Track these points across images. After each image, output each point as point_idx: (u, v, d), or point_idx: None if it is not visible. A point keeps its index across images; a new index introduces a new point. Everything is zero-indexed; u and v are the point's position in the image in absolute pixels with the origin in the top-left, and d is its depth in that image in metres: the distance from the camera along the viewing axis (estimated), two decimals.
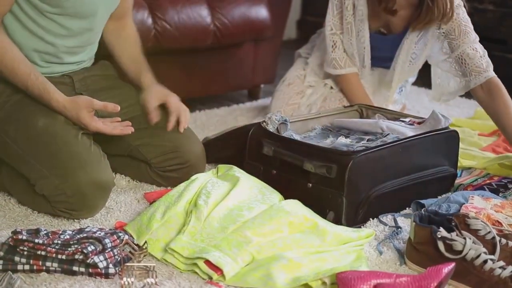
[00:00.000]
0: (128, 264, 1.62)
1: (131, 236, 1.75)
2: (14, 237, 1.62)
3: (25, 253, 1.61)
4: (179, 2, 2.82)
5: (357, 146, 2.05)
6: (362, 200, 1.93)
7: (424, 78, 3.02)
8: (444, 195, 2.14)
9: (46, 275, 1.60)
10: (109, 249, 1.63)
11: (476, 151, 2.50)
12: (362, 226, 1.95)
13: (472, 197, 2.01)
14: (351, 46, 2.61)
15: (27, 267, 1.61)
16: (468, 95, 3.46)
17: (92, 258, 1.59)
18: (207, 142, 2.30)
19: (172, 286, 1.60)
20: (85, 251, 1.59)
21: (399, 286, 1.53)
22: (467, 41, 2.46)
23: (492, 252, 1.70)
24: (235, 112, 3.01)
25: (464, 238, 1.66)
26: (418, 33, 2.56)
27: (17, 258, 1.61)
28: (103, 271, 1.60)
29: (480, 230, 1.73)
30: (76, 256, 1.59)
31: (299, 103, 2.73)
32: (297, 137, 2.13)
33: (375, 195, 1.94)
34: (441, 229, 1.68)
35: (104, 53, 2.24)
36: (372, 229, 1.91)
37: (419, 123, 2.25)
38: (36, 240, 1.62)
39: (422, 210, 1.80)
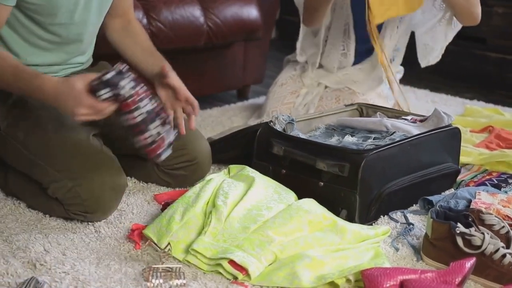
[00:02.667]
0: (154, 266, 1.62)
1: (151, 239, 1.75)
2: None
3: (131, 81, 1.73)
4: (172, 2, 2.82)
5: (366, 145, 2.08)
6: (374, 197, 1.95)
7: (409, 77, 3.07)
8: (450, 192, 2.18)
9: (71, 279, 1.59)
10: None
11: (470, 148, 2.55)
12: (373, 223, 1.97)
13: (479, 192, 2.05)
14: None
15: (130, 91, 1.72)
16: (455, 92, 3.54)
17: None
18: (211, 142, 2.29)
19: (198, 287, 1.60)
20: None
21: (424, 281, 1.56)
22: None
23: (507, 246, 1.74)
24: (228, 113, 3.01)
25: (482, 233, 1.69)
26: None
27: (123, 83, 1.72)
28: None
29: (495, 225, 1.77)
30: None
31: (294, 102, 2.75)
32: (303, 136, 2.15)
33: (386, 193, 1.97)
34: (459, 224, 1.71)
35: (103, 54, 2.23)
36: (377, 225, 1.94)
37: (420, 120, 2.29)
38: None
39: (437, 206, 1.83)
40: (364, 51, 2.77)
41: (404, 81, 3.25)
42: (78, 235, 1.83)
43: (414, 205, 2.11)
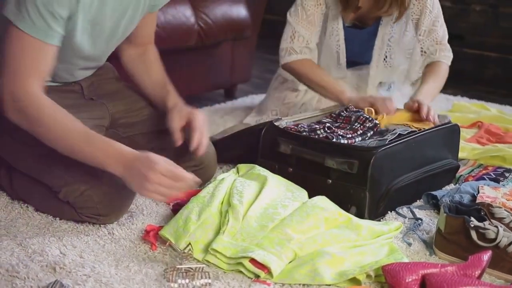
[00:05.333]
0: (178, 266, 1.62)
1: (169, 240, 1.75)
2: None
3: None
4: None
5: (370, 142, 2.10)
6: (382, 194, 1.98)
7: None
8: (450, 186, 2.23)
9: (93, 281, 1.59)
10: None
11: (464, 143, 2.59)
12: (381, 219, 2.00)
13: (482, 187, 2.10)
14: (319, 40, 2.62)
15: None
16: (444, 89, 3.57)
17: None
18: (214, 142, 2.30)
19: (221, 286, 1.60)
20: None
21: (445, 275, 1.59)
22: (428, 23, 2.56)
23: None
24: (219, 112, 3.01)
25: (496, 227, 1.73)
26: (393, 16, 2.57)
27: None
28: None
29: (505, 218, 1.81)
30: None
31: (293, 101, 2.75)
32: None
33: (394, 189, 2.00)
34: (472, 218, 1.75)
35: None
36: (390, 221, 1.96)
37: None
38: None
39: (448, 201, 1.86)
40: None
41: None
42: (92, 237, 1.82)
43: (418, 200, 2.14)
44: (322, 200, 1.86)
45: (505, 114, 3.01)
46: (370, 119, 2.18)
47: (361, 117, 2.19)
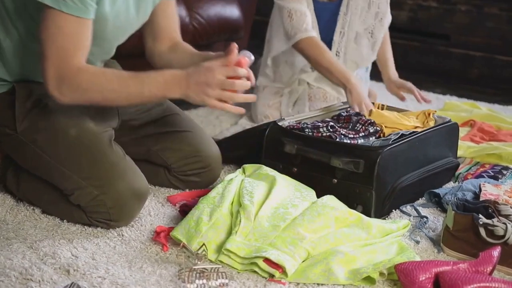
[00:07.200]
0: (194, 267, 1.62)
1: (182, 241, 1.75)
2: None
3: None
4: None
5: (373, 142, 2.12)
6: (388, 193, 2.00)
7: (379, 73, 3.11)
8: (453, 184, 2.26)
9: (109, 283, 1.58)
10: None
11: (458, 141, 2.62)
12: (386, 218, 2.02)
13: (484, 184, 2.13)
14: None
15: None
16: (425, 88, 3.61)
17: None
18: (216, 142, 2.30)
19: (237, 286, 1.61)
20: None
21: (458, 272, 1.61)
22: None
23: None
24: (215, 112, 3.01)
25: (505, 223, 1.76)
26: None
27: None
28: None
29: (511, 215, 1.84)
30: None
31: (279, 101, 2.77)
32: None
33: (399, 188, 2.02)
34: (480, 215, 1.77)
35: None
36: (397, 219, 1.98)
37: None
38: None
39: (455, 198, 1.88)
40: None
41: (376, 78, 3.30)
42: (102, 239, 1.81)
43: (420, 198, 2.16)
44: (331, 200, 1.88)
45: (495, 112, 3.04)
46: (372, 121, 2.20)
47: (362, 119, 2.21)
